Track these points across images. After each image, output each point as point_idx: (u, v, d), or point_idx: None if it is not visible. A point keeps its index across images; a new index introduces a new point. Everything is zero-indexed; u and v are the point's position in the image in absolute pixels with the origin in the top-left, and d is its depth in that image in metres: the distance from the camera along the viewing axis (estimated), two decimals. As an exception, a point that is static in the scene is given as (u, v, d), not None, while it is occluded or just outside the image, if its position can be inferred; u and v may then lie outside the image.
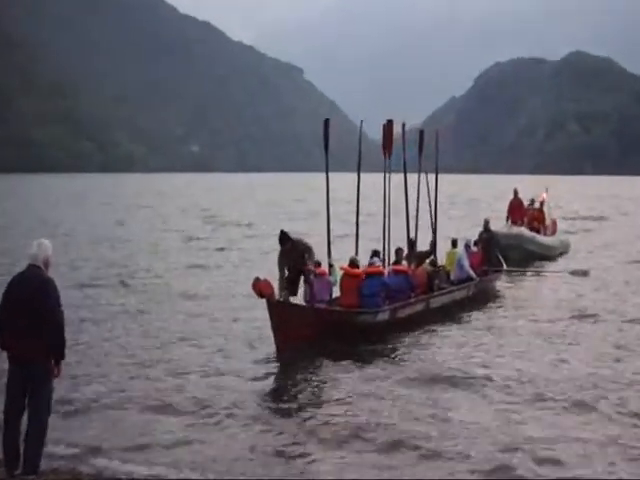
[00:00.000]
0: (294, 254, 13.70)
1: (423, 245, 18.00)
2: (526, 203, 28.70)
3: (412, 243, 17.22)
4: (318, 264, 14.49)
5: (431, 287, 16.69)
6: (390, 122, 16.76)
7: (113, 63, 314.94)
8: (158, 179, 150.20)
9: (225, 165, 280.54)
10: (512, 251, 25.29)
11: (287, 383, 11.52)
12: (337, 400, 10.49)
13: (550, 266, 25.42)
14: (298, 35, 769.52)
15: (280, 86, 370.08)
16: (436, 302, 16.39)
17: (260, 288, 12.79)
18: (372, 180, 20.33)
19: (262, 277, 13.01)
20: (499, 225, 27.15)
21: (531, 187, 41.42)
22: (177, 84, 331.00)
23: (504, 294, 19.50)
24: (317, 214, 30.06)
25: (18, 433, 7.33)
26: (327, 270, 14.80)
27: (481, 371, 11.73)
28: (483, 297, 18.49)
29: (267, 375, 11.91)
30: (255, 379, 11.57)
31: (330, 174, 15.92)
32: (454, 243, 19.10)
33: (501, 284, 20.61)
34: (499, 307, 17.77)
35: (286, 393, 11.00)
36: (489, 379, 11.30)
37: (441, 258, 18.39)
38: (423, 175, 17.97)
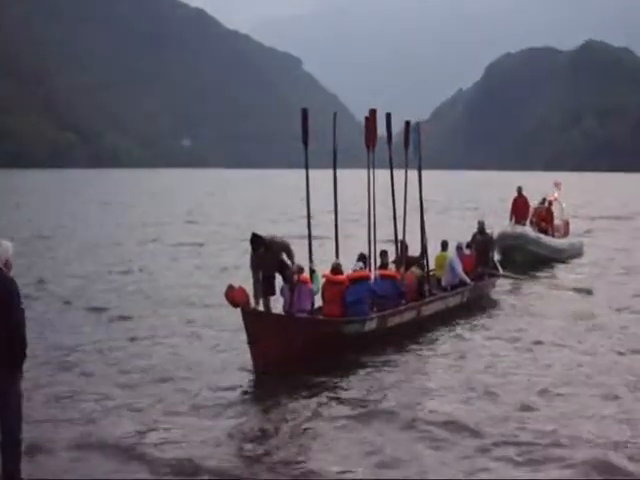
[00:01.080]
0: (269, 257, 12.94)
1: (412, 248, 17.14)
2: (536, 202, 28.12)
3: (404, 246, 16.47)
4: (300, 269, 13.66)
5: (421, 293, 16.19)
6: (373, 112, 15.91)
7: (98, 50, 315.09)
8: (144, 175, 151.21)
9: (218, 161, 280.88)
10: (515, 252, 25.36)
11: (263, 425, 9.88)
12: (324, 448, 9.22)
13: (556, 273, 24.67)
14: (297, 25, 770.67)
15: (277, 77, 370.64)
16: (428, 309, 15.93)
17: (234, 296, 12.01)
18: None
19: (236, 285, 12.31)
20: (503, 225, 27.07)
21: (543, 184, 41.03)
22: (168, 74, 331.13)
23: (500, 301, 19.01)
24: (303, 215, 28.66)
25: None
26: (309, 277, 13.94)
27: (482, 387, 11.43)
28: (478, 304, 18.03)
29: (239, 414, 10.28)
30: (226, 419, 10.00)
31: (329, 171, 15.53)
32: (444, 246, 18.55)
33: (498, 290, 20.09)
34: (496, 315, 17.34)
35: (262, 441, 9.34)
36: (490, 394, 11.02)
37: (431, 262, 17.66)
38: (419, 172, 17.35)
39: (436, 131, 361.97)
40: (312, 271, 14.13)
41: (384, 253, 15.89)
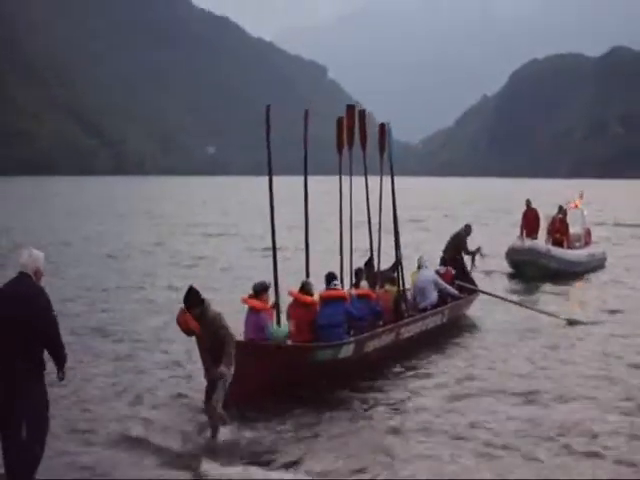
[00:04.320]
0: (209, 329, 9.44)
1: (385, 261, 15.43)
2: (554, 211, 27.16)
3: (368, 261, 14.95)
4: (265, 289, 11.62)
5: (398, 314, 14.62)
6: (350, 108, 14.52)
7: (124, 57, 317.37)
8: (169, 183, 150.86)
9: (241, 168, 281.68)
10: (526, 267, 24.65)
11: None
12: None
13: (571, 281, 24.07)
14: (322, 33, 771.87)
15: (302, 85, 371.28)
16: (407, 331, 14.43)
17: (187, 321, 9.44)
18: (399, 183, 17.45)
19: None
20: (512, 239, 26.40)
21: (567, 192, 40.47)
22: (192, 81, 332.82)
23: (483, 320, 17.59)
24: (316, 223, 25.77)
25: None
26: (270, 307, 11.92)
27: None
28: (459, 324, 16.90)
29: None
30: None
31: (348, 177, 14.34)
32: (418, 265, 16.70)
33: (481, 307, 18.57)
34: (478, 336, 16.17)
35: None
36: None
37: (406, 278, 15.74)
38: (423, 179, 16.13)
39: (461, 138, 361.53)
40: (274, 306, 12.18)
41: (359, 271, 14.31)
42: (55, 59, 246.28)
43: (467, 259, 19.61)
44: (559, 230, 26.70)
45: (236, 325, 10.44)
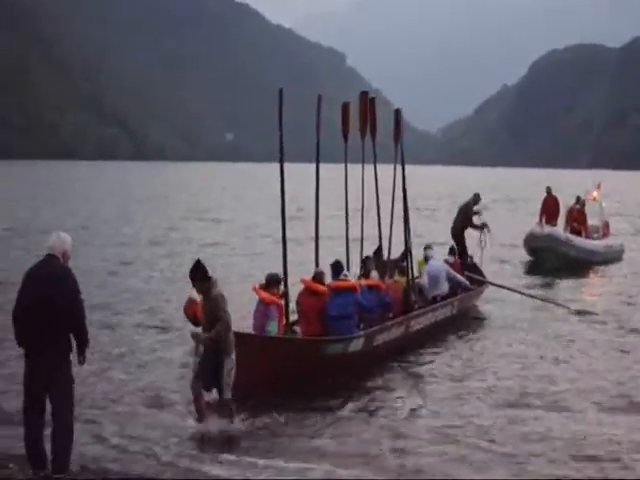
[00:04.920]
0: (210, 308, 9.23)
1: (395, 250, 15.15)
2: (572, 202, 26.96)
3: (377, 250, 14.67)
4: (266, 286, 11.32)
5: (407, 305, 14.21)
6: (364, 94, 14.27)
7: (143, 48, 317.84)
8: (195, 168, 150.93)
9: (260, 155, 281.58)
10: (544, 254, 24.35)
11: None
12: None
13: (597, 270, 24.00)
14: (341, 19, 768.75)
15: (321, 72, 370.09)
16: (417, 323, 14.10)
17: (196, 312, 9.52)
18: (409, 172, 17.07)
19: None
20: (531, 225, 26.06)
21: (587, 183, 40.00)
22: (211, 68, 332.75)
23: (492, 312, 17.25)
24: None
25: (41, 432, 7.54)
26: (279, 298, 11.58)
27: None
28: (468, 316, 16.59)
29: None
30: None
31: (370, 165, 14.31)
32: (424, 254, 16.42)
33: (491, 297, 18.21)
34: (490, 329, 15.76)
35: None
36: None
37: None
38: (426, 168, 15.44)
39: (480, 127, 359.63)
40: (284, 295, 11.79)
41: (367, 260, 13.93)
42: (75, 52, 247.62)
43: (474, 243, 19.21)
44: (577, 219, 26.46)
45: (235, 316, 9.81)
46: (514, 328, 15.59)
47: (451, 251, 17.78)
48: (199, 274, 9.16)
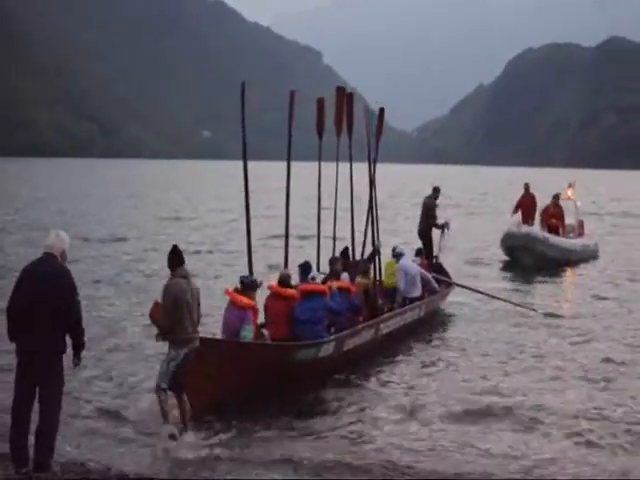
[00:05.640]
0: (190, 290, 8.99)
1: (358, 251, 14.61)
2: (549, 200, 26.27)
3: (344, 250, 14.21)
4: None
5: (373, 308, 13.72)
6: (340, 90, 13.90)
7: (117, 44, 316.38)
8: (180, 166, 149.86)
9: (237, 153, 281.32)
10: (522, 253, 24.11)
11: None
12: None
13: (576, 269, 23.91)
14: (317, 18, 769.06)
15: (298, 70, 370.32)
16: (387, 327, 13.67)
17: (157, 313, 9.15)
18: (392, 170, 16.72)
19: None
20: (508, 224, 25.47)
21: (562, 182, 40.11)
22: (187, 66, 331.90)
23: (458, 314, 16.93)
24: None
25: (27, 430, 7.47)
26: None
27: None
28: (436, 318, 16.34)
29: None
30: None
31: (346, 164, 13.99)
32: (396, 252, 15.79)
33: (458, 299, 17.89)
34: (455, 331, 15.45)
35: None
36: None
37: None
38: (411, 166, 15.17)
39: (455, 126, 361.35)
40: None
41: (335, 260, 13.40)
42: (56, 52, 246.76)
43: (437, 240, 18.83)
44: (554, 215, 25.97)
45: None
46: (477, 332, 15.10)
47: (418, 252, 17.13)
48: (177, 260, 8.95)
